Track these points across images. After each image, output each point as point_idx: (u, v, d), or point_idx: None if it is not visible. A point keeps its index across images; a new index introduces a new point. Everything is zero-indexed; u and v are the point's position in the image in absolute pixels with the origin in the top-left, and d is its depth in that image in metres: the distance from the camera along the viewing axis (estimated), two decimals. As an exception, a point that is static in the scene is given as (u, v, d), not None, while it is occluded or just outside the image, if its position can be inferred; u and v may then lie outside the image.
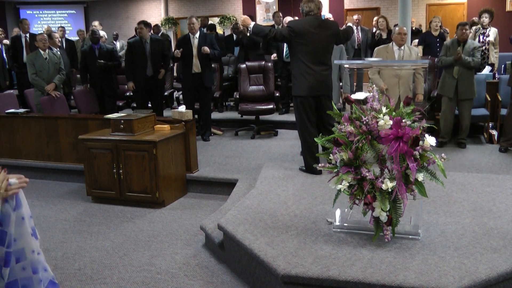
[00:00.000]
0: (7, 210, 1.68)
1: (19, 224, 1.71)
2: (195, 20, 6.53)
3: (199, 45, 6.48)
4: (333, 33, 4.61)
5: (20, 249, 1.71)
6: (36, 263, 1.76)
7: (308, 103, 4.55)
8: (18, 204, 1.71)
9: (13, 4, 15.07)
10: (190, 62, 6.52)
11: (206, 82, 6.59)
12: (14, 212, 1.69)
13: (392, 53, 5.34)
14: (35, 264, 1.76)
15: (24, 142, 6.02)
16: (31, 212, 1.81)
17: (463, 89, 5.72)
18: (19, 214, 1.71)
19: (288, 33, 4.51)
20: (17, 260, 1.71)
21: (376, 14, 11.82)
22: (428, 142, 2.88)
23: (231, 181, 4.90)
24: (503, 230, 3.17)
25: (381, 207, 2.87)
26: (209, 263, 3.49)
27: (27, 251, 1.73)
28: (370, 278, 2.58)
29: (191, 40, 6.53)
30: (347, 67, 5.20)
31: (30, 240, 1.74)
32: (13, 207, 1.69)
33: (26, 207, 1.75)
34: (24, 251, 1.72)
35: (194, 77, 6.54)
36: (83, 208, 4.82)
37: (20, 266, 1.72)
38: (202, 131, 6.69)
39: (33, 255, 1.75)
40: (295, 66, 4.60)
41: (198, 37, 6.54)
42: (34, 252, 1.76)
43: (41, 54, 6.58)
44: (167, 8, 14.82)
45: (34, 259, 1.76)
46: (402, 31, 5.34)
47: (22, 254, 1.72)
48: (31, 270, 1.74)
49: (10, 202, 1.68)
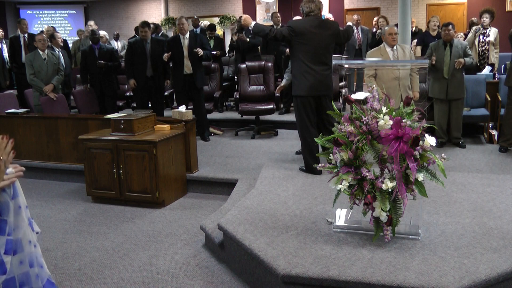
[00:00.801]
0: (6, 198, 1.66)
1: (17, 213, 1.69)
2: (185, 21, 6.52)
3: (189, 46, 6.46)
4: (333, 33, 4.61)
5: (17, 238, 1.69)
6: (32, 255, 1.75)
7: (309, 103, 4.55)
8: (15, 193, 1.70)
9: (13, 4, 15.07)
10: (181, 63, 6.50)
11: (198, 83, 6.58)
12: (12, 200, 1.68)
13: (386, 54, 5.25)
14: (31, 257, 1.75)
15: (24, 142, 6.02)
16: (32, 212, 1.80)
17: (452, 90, 5.72)
18: (17, 203, 1.70)
19: (288, 33, 4.51)
20: (15, 251, 1.69)
21: (376, 14, 11.83)
22: (428, 142, 2.88)
23: (231, 181, 4.90)
24: (503, 230, 3.17)
25: (381, 207, 2.87)
26: (209, 263, 3.49)
27: (24, 242, 1.71)
28: (370, 278, 2.58)
29: (181, 41, 6.51)
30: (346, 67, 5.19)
31: (27, 230, 1.73)
32: (11, 195, 1.68)
33: (23, 196, 1.74)
34: (21, 241, 1.70)
35: (186, 78, 6.53)
36: (83, 208, 4.83)
37: (17, 259, 1.69)
38: (200, 131, 6.68)
39: (29, 246, 1.73)
40: (295, 66, 4.60)
41: (189, 38, 6.52)
42: (31, 243, 1.74)
43: (40, 55, 6.54)
44: (167, 8, 14.82)
45: (31, 251, 1.74)
46: (392, 31, 5.26)
47: (19, 245, 1.70)
48: (28, 263, 1.73)
49: (8, 191, 1.66)
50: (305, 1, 4.58)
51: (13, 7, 15.12)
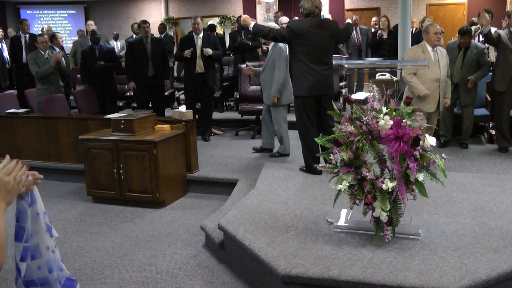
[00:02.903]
0: (23, 206, 1.71)
1: (34, 219, 1.74)
2: (200, 20, 6.54)
3: (203, 46, 6.49)
4: (333, 32, 4.60)
5: (35, 244, 1.73)
6: (51, 261, 1.78)
7: (309, 103, 4.54)
8: (33, 200, 1.74)
9: (13, 4, 15.07)
10: (193, 62, 6.51)
11: (209, 82, 6.60)
12: (30, 208, 1.72)
13: (427, 54, 4.97)
14: (50, 263, 1.78)
15: (24, 142, 6.02)
16: None
17: (463, 95, 5.65)
18: (34, 210, 1.74)
19: (288, 33, 4.51)
20: (32, 257, 1.73)
21: (376, 14, 11.83)
22: (429, 142, 2.88)
23: (231, 181, 4.90)
24: (504, 230, 3.16)
25: (382, 207, 2.87)
26: (209, 263, 3.49)
27: (42, 248, 1.75)
28: (370, 278, 2.58)
29: (195, 40, 6.53)
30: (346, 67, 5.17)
31: (45, 236, 1.76)
32: (28, 203, 1.72)
33: (41, 203, 1.78)
34: (39, 247, 1.74)
35: (197, 77, 6.55)
36: (83, 208, 4.83)
37: (35, 265, 1.74)
38: (202, 130, 6.69)
39: (47, 252, 1.77)
40: (295, 66, 4.60)
41: (202, 38, 6.54)
42: (49, 249, 1.78)
43: (42, 54, 6.63)
44: (167, 8, 14.82)
45: (49, 257, 1.78)
46: (438, 30, 4.95)
47: (37, 251, 1.74)
48: (47, 269, 1.77)
49: (26, 198, 1.71)
50: (304, 1, 4.58)
51: (13, 7, 15.12)
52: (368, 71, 8.16)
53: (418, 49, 5.06)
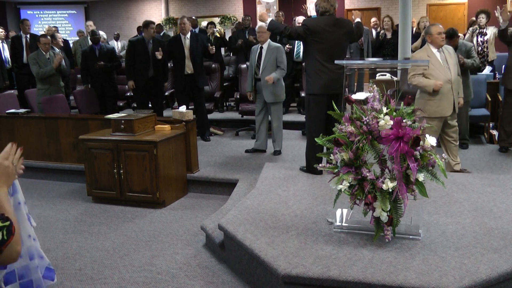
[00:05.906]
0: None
1: (16, 208, 1.76)
2: (186, 20, 6.52)
3: (191, 46, 6.46)
4: (348, 31, 4.60)
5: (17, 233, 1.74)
6: (32, 249, 1.82)
7: (322, 101, 4.53)
8: (14, 190, 1.77)
9: (13, 4, 15.08)
10: (182, 63, 6.49)
11: (199, 83, 6.57)
12: (12, 197, 1.74)
13: (434, 57, 4.70)
14: (31, 250, 1.81)
15: (25, 142, 6.02)
16: (32, 212, 1.84)
17: None
18: (16, 199, 1.77)
19: (303, 31, 4.51)
20: None
21: (377, 14, 11.83)
22: (429, 142, 2.88)
23: (231, 181, 4.90)
24: (504, 230, 3.16)
25: (382, 207, 2.87)
26: (209, 263, 3.49)
27: (24, 236, 1.77)
28: (370, 278, 2.58)
29: (183, 40, 6.50)
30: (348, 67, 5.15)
31: (26, 224, 1.80)
32: (11, 192, 1.74)
33: (21, 193, 1.81)
34: (21, 235, 1.74)
35: (187, 78, 6.52)
36: (83, 208, 4.83)
37: None
38: (201, 131, 6.68)
39: (29, 240, 1.81)
40: (310, 64, 4.59)
41: (190, 38, 6.51)
42: (30, 237, 1.81)
43: (43, 54, 6.63)
44: (168, 8, 14.82)
45: (30, 245, 1.81)
46: (441, 30, 4.70)
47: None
48: (28, 256, 1.80)
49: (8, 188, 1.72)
50: (319, 0, 4.57)
51: (14, 7, 15.13)
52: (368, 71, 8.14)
53: (422, 54, 4.78)
